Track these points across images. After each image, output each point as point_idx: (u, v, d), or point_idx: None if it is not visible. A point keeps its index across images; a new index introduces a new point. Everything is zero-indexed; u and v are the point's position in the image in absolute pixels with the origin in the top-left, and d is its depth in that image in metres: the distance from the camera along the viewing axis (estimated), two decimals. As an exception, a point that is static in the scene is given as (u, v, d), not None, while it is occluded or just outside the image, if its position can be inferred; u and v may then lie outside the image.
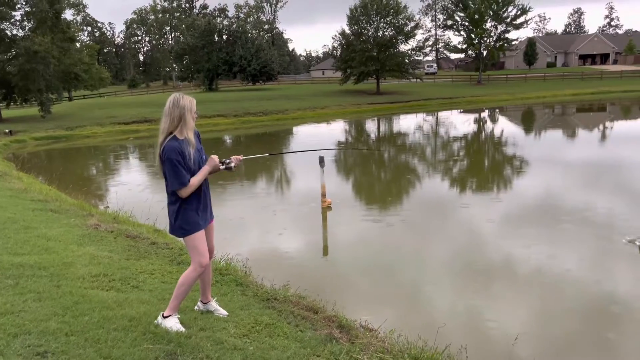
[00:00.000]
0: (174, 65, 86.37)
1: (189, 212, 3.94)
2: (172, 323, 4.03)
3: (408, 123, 35.88)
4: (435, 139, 26.91)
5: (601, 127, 28.47)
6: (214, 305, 4.64)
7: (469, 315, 6.59)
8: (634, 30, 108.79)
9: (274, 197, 14.13)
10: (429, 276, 8.12)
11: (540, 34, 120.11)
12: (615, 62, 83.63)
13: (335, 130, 33.62)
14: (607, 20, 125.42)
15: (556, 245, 8.83)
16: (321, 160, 11.51)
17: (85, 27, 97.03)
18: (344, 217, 11.46)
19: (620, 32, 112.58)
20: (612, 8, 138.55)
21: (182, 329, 4.03)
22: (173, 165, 3.75)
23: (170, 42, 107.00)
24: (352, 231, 10.49)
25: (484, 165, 18.83)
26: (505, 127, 31.67)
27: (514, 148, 21.83)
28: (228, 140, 30.73)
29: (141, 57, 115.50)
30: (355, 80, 53.06)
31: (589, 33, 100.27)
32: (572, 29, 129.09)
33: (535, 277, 7.63)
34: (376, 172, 18.67)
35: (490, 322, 6.30)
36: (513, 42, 60.32)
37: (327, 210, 11.61)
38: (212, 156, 3.97)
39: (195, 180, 3.86)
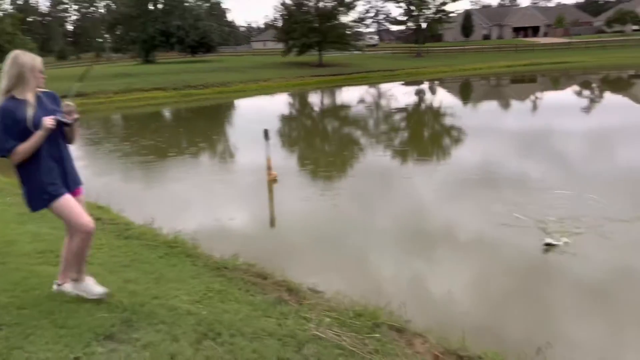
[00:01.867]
0: (106, 35, 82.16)
1: (37, 179, 3.60)
2: (84, 286, 3.97)
3: (351, 95, 36.27)
4: (378, 111, 27.45)
5: (533, 97, 29.99)
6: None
7: (410, 278, 7.02)
8: (563, 3, 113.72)
9: (219, 172, 14.12)
10: (375, 243, 8.48)
11: (477, 7, 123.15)
12: (545, 34, 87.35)
13: (279, 103, 33.52)
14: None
15: (494, 211, 9.39)
16: (266, 134, 11.59)
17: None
18: (290, 189, 11.65)
19: (551, 5, 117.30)
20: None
21: (103, 289, 4.02)
22: None
23: (101, 11, 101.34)
24: (298, 203, 10.71)
25: (424, 136, 19.52)
26: (444, 98, 32.71)
27: (453, 119, 22.67)
28: (167, 115, 29.98)
29: (70, 27, 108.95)
30: (298, 52, 52.72)
31: (522, 6, 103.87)
32: (507, 1, 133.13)
33: (475, 241, 8.15)
34: (321, 144, 18.92)
35: (431, 283, 6.75)
36: (451, 15, 61.69)
37: (273, 183, 11.77)
38: (44, 118, 3.51)
39: (25, 147, 3.46)
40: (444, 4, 59.13)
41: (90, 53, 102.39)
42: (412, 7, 59.13)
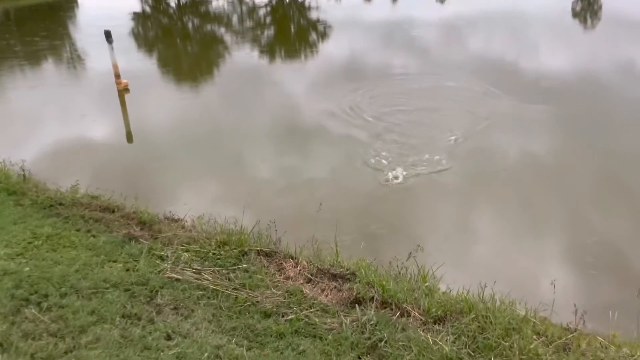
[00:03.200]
0: None
1: None
2: None
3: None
4: (241, 5, 25.51)
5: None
6: None
7: (279, 190, 6.64)
8: None
9: (60, 83, 12.17)
10: (248, 146, 7.95)
11: None
12: None
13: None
14: None
15: (361, 102, 9.29)
16: (108, 35, 9.85)
17: None
18: (148, 98, 10.44)
19: None
20: None
21: None
22: None
23: None
24: (159, 112, 9.65)
25: (290, 32, 18.59)
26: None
27: (317, 12, 21.81)
28: (-8, 16, 25.09)
29: None
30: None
31: None
32: None
33: (344, 135, 8.02)
34: (182, 45, 17.21)
35: (301, 196, 6.43)
36: None
37: (124, 93, 10.37)
38: None
39: None
40: None
41: None
42: None
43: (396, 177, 6.54)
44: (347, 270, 3.85)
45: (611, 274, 5.10)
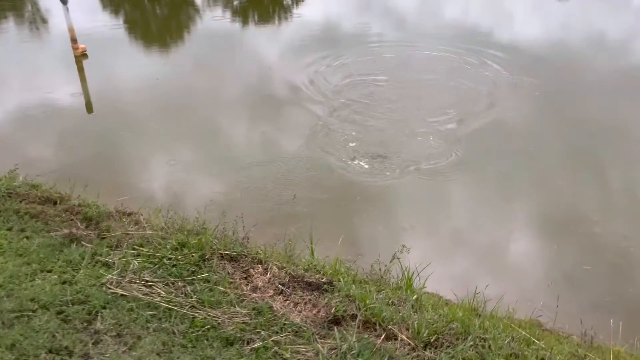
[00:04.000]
0: None
1: None
2: None
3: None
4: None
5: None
6: None
7: (249, 160, 6.20)
8: None
9: (8, 47, 11.17)
10: (215, 119, 7.52)
11: None
12: None
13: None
14: None
15: (337, 69, 8.95)
16: (63, -5, 8.89)
17: None
18: (110, 64, 9.67)
19: None
20: None
21: None
22: None
23: None
24: (122, 79, 8.99)
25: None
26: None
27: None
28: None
29: None
30: None
31: None
32: None
33: (319, 100, 7.77)
34: (150, 6, 16.16)
35: (271, 171, 5.94)
36: None
37: (82, 59, 9.51)
38: None
39: None
40: None
41: None
42: None
43: (376, 160, 6.09)
44: (323, 276, 3.37)
45: (606, 269, 4.80)
